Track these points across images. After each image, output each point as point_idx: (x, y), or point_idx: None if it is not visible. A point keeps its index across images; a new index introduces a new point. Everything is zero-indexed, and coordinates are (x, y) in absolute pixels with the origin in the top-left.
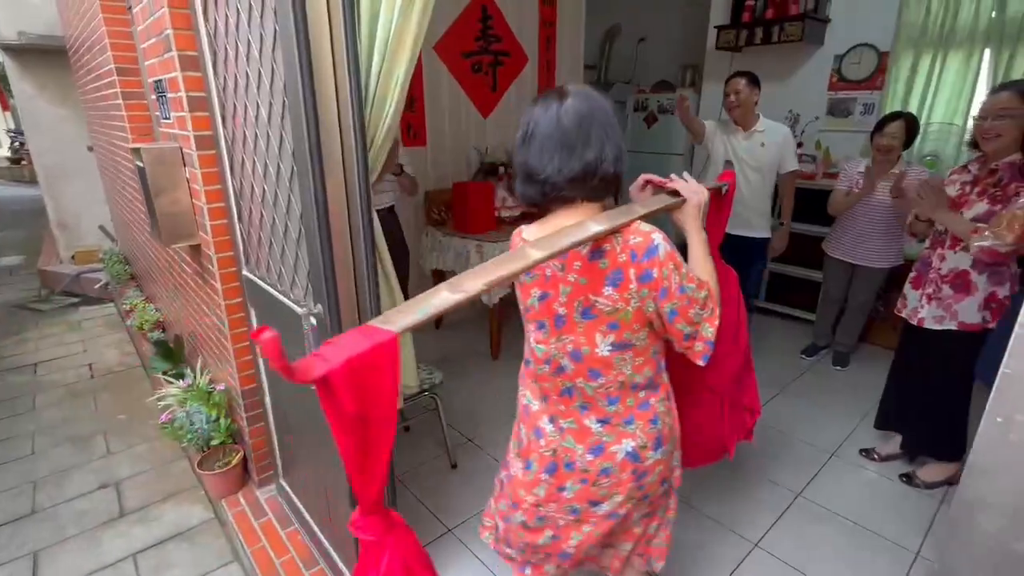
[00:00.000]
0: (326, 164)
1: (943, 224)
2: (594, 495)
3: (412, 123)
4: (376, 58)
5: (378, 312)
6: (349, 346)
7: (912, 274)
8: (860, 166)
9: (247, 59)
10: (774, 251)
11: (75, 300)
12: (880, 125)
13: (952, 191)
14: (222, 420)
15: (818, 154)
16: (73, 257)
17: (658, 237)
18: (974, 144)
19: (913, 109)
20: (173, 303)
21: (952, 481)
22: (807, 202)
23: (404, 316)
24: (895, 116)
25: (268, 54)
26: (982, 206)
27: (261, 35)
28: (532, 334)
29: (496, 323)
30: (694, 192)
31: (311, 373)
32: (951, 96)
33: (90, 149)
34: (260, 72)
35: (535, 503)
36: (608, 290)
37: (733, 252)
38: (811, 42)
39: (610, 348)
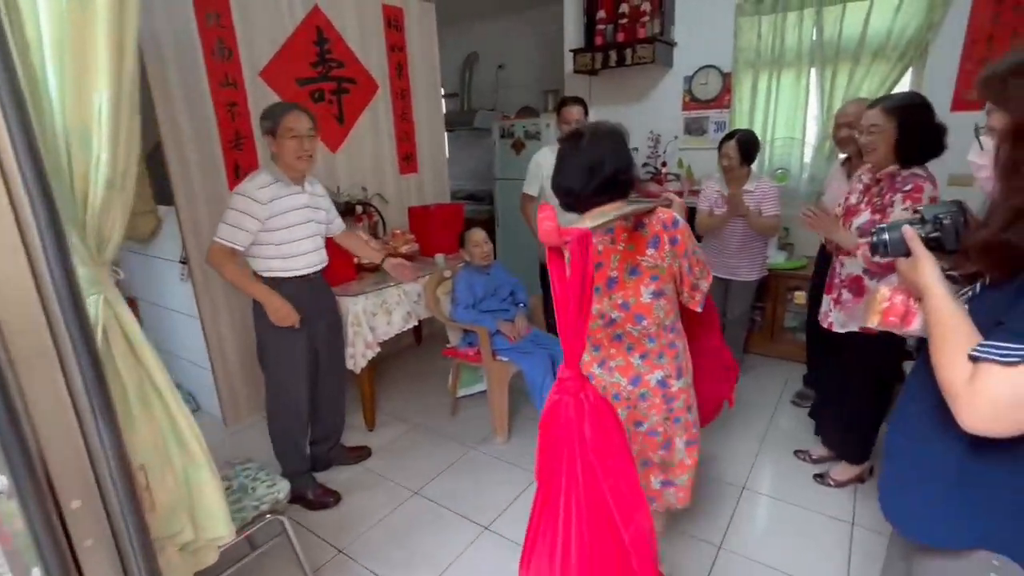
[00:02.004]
0: None
1: (837, 242)
2: (637, 416)
3: (241, 163)
4: (52, 71)
5: (124, 469)
6: (570, 231)
7: (827, 280)
8: (717, 184)
9: None
10: None
11: None
12: (719, 145)
13: (853, 199)
14: None
15: (681, 172)
16: None
17: (678, 215)
18: (848, 159)
19: (758, 125)
20: None
21: (862, 478)
22: None
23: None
24: (729, 136)
25: None
26: (866, 215)
27: None
28: None
29: (368, 389)
30: (677, 197)
31: (569, 236)
32: (789, 112)
33: None
34: None
35: None
36: (650, 251)
37: None
38: (662, 64)
39: (651, 296)
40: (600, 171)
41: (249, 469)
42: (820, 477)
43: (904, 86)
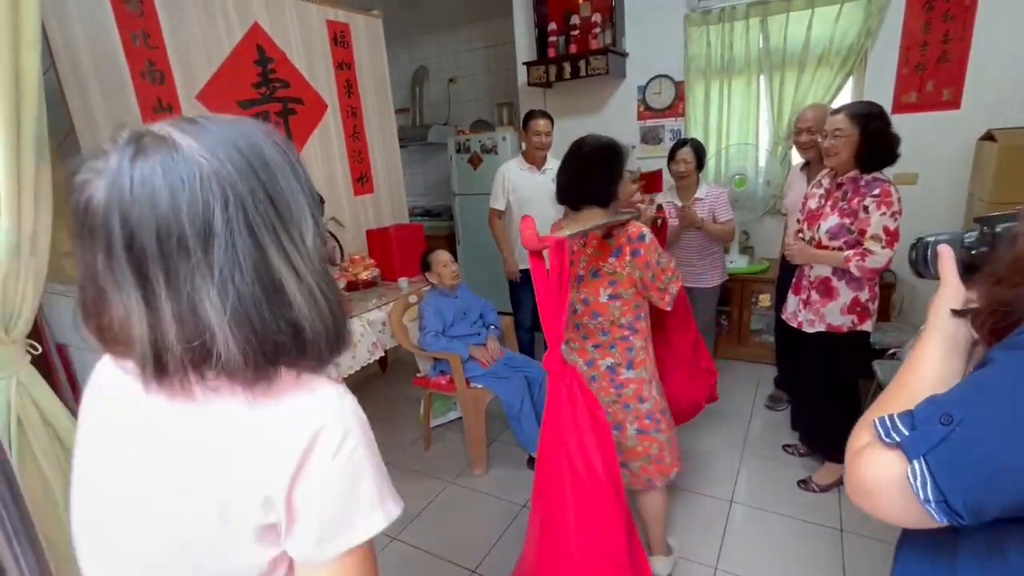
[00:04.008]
0: None
1: (823, 264)
2: None
3: None
4: None
5: None
6: (548, 239)
7: (793, 281)
8: (669, 197)
9: None
10: None
11: None
12: (672, 153)
13: (813, 204)
14: None
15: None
16: None
17: (646, 231)
18: (807, 164)
19: (712, 132)
20: None
21: (843, 481)
22: None
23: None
24: (683, 143)
25: None
26: (834, 219)
27: None
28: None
29: None
30: (645, 211)
31: (547, 242)
32: (741, 118)
33: None
34: None
35: None
36: (612, 259)
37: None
38: (615, 75)
39: (607, 297)
40: (584, 181)
41: None
42: (804, 483)
43: (847, 91)
